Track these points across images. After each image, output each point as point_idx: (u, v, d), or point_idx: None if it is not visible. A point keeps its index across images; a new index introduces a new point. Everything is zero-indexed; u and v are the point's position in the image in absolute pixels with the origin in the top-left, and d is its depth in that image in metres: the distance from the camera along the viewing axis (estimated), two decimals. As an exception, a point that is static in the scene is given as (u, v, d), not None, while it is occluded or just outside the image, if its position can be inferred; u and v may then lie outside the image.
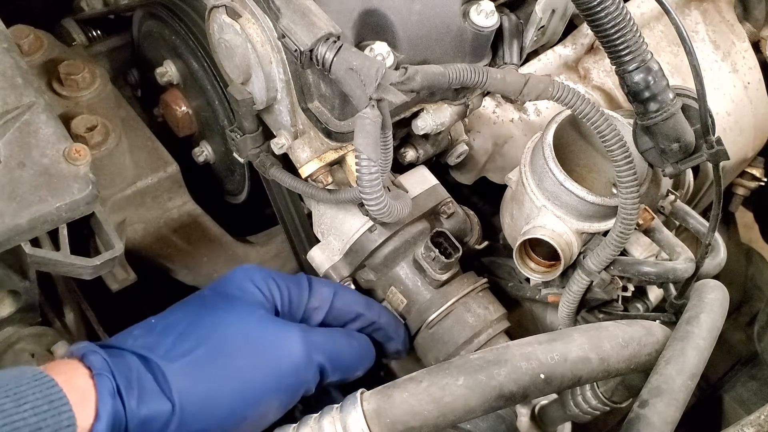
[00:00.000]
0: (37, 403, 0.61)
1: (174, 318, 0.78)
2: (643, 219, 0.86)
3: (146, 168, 1.07)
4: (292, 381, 0.77)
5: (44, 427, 0.60)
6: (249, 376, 0.75)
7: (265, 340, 0.77)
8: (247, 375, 0.75)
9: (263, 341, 0.77)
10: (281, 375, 0.76)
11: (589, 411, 0.84)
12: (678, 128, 0.75)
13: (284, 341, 0.78)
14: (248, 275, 0.83)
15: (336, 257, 0.92)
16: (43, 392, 0.62)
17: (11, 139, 0.84)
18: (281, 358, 0.77)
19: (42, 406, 0.61)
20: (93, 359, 0.69)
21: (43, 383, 0.63)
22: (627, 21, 0.70)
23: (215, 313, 0.78)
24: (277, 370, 0.76)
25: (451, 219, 0.94)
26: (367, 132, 0.68)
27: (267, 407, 0.76)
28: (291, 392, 0.77)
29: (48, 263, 0.83)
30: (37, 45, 1.11)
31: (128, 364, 0.71)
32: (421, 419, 0.61)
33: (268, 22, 0.75)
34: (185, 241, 1.13)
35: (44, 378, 0.64)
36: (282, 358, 0.77)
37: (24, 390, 0.62)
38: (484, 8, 0.80)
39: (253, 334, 0.77)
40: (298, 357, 0.77)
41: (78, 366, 0.69)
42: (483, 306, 0.91)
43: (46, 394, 0.62)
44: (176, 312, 0.80)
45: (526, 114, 1.07)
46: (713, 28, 1.21)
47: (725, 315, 0.74)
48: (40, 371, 0.65)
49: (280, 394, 0.76)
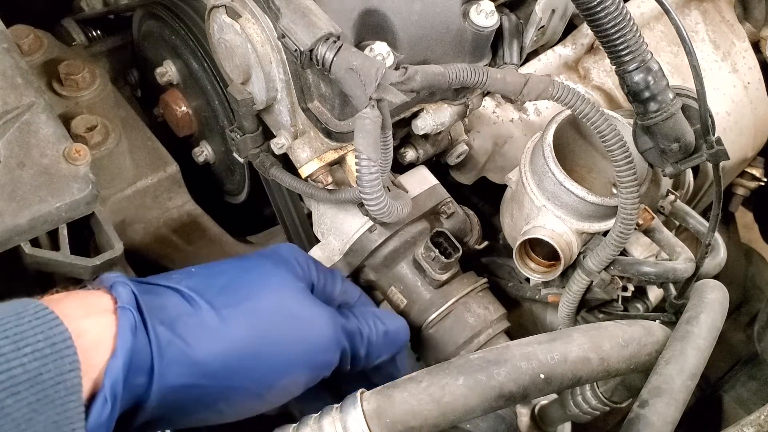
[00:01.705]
0: (38, 346, 0.55)
1: (217, 269, 0.77)
2: (643, 219, 0.86)
3: (146, 168, 1.07)
4: (321, 359, 0.77)
5: (44, 373, 0.55)
6: (285, 346, 0.73)
7: (303, 313, 0.76)
8: (283, 344, 0.73)
9: (302, 314, 0.76)
10: (314, 351, 0.76)
11: (589, 411, 0.84)
12: (678, 128, 0.75)
13: (319, 319, 0.77)
14: (293, 252, 0.83)
15: (336, 257, 0.92)
16: (45, 333, 0.56)
17: (11, 139, 0.84)
18: (315, 335, 0.76)
19: (44, 350, 0.55)
20: (121, 291, 0.65)
21: (46, 321, 0.57)
22: (627, 21, 0.70)
23: (260, 273, 0.77)
24: (311, 345, 0.75)
25: (451, 219, 0.94)
26: (367, 132, 0.68)
27: (294, 381, 0.75)
28: (318, 370, 0.77)
29: (48, 263, 0.84)
30: (37, 45, 1.11)
31: (163, 303, 0.68)
32: (421, 419, 0.61)
33: (268, 22, 0.75)
34: (185, 241, 1.13)
35: (47, 315, 0.58)
36: (316, 335, 0.76)
37: (25, 330, 0.56)
38: (484, 8, 0.80)
39: (292, 303, 0.76)
40: (328, 337, 0.77)
41: (103, 297, 0.65)
42: (483, 306, 0.91)
43: (48, 336, 0.56)
44: (219, 265, 0.78)
45: (526, 114, 1.07)
46: (713, 28, 1.21)
47: (725, 315, 0.74)
48: (44, 307, 0.58)
49: (308, 370, 0.76)
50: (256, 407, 0.74)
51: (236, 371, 0.69)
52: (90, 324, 0.61)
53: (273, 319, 0.74)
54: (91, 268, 0.85)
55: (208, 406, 0.69)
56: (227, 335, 0.69)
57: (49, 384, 0.55)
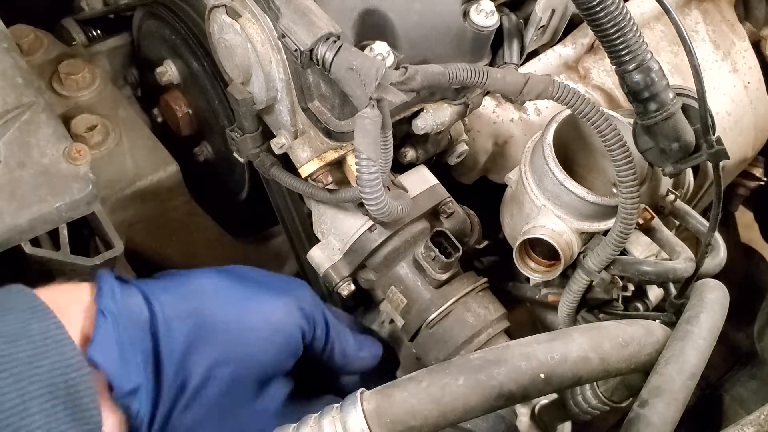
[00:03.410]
0: (21, 315, 0.59)
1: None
2: (643, 218, 0.86)
3: (146, 168, 1.07)
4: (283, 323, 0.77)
5: (32, 331, 0.59)
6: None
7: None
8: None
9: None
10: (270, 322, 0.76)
11: (589, 410, 0.84)
12: (678, 128, 0.75)
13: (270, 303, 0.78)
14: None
15: (336, 257, 0.92)
16: (26, 303, 0.61)
17: (11, 139, 0.84)
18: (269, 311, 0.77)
19: (25, 313, 0.60)
20: (101, 274, 0.69)
21: (26, 296, 0.62)
22: (627, 21, 0.70)
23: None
24: (266, 316, 0.76)
25: (451, 219, 0.94)
26: (367, 132, 0.68)
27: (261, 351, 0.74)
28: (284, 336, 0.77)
29: (48, 263, 0.84)
30: (37, 45, 1.11)
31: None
32: (421, 419, 0.61)
33: (268, 21, 0.75)
34: (185, 241, 1.13)
35: (26, 292, 0.62)
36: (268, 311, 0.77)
37: (7, 302, 0.61)
38: (484, 8, 0.80)
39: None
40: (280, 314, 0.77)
41: (82, 285, 0.69)
42: (483, 305, 0.91)
43: (29, 306, 0.61)
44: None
45: (526, 114, 1.07)
46: (713, 28, 1.21)
47: (725, 315, 0.74)
48: (23, 287, 0.63)
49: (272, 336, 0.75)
50: None
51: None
52: (67, 298, 0.65)
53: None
54: (91, 268, 0.85)
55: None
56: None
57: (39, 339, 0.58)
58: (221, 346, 0.70)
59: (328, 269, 0.92)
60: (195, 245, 1.15)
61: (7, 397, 0.54)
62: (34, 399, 0.55)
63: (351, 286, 0.92)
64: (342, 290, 0.91)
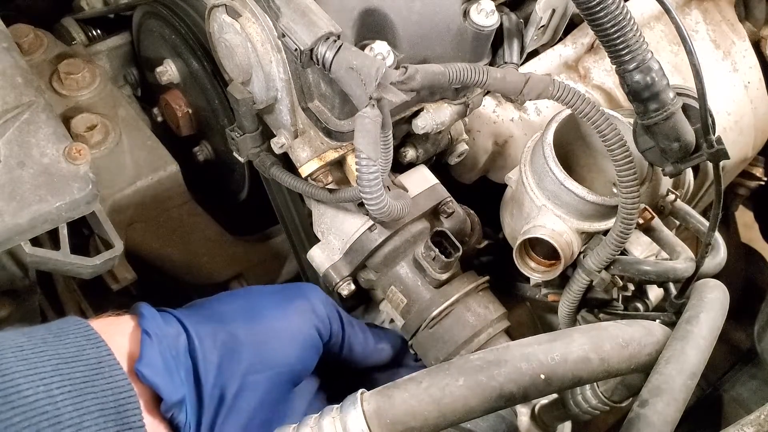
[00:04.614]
0: (77, 341, 0.65)
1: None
2: (643, 218, 0.86)
3: (146, 168, 1.07)
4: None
5: (87, 354, 0.64)
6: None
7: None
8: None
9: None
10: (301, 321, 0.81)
11: (589, 410, 0.84)
12: (678, 128, 0.75)
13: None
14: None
15: (336, 256, 0.92)
16: (82, 333, 0.66)
17: (11, 139, 0.84)
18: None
19: (80, 340, 0.65)
20: (140, 304, 0.74)
21: (80, 324, 0.67)
22: (627, 20, 0.70)
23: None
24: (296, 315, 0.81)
25: (451, 218, 0.93)
26: (367, 131, 0.68)
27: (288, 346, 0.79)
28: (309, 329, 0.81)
29: (48, 263, 0.84)
30: (37, 44, 1.11)
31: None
32: (421, 419, 0.61)
33: (268, 21, 0.75)
34: (185, 240, 1.13)
35: (82, 322, 0.68)
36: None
37: (63, 330, 0.66)
38: (485, 7, 0.80)
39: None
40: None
41: (125, 317, 0.73)
42: (483, 305, 0.91)
43: (83, 334, 0.66)
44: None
45: (527, 113, 1.06)
46: (713, 28, 1.21)
47: (725, 315, 0.74)
48: (78, 319, 0.69)
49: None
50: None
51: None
52: (113, 328, 0.70)
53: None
54: (91, 268, 0.85)
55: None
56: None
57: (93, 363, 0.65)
58: (250, 356, 0.75)
59: (328, 269, 0.92)
60: (195, 245, 1.15)
61: (66, 409, 0.60)
62: (88, 414, 0.61)
63: (351, 286, 0.92)
64: (342, 290, 0.91)
